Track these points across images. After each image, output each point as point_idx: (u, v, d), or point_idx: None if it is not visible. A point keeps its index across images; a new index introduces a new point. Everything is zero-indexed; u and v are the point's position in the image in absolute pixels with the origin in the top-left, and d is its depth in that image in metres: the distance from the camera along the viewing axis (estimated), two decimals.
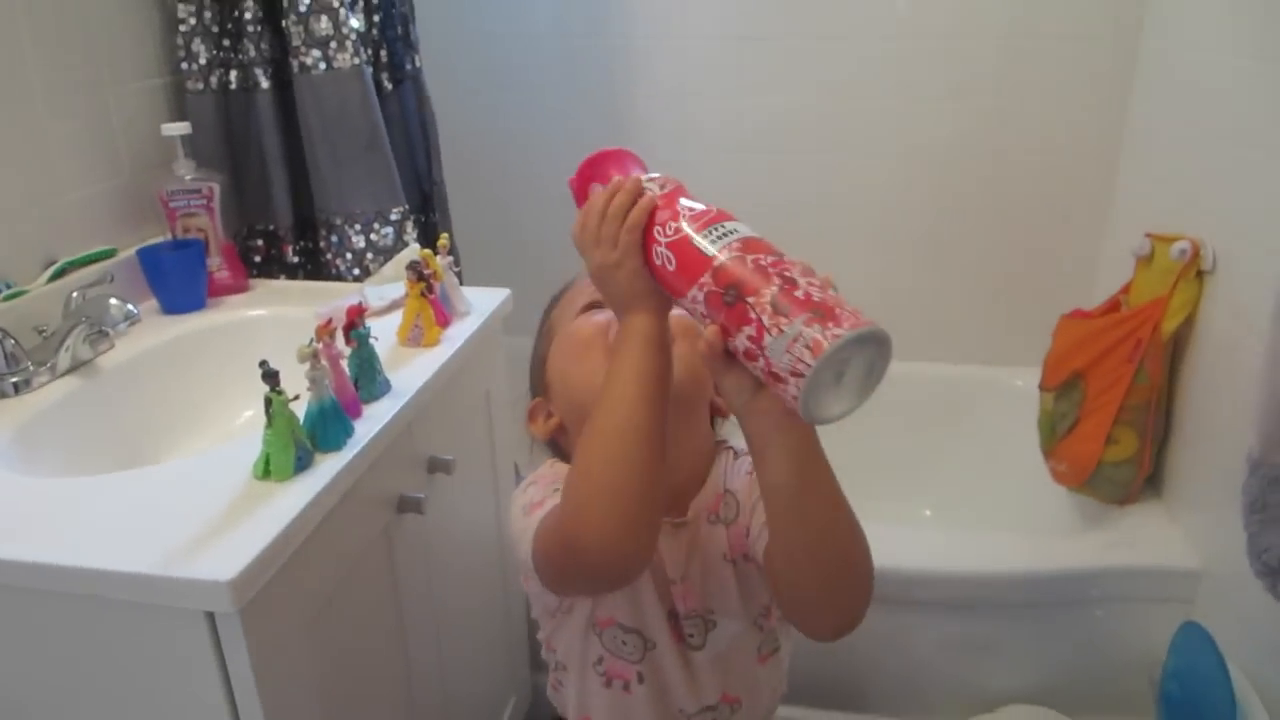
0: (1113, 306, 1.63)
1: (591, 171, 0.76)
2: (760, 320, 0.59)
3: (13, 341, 1.04)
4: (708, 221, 0.66)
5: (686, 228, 0.66)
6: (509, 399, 1.34)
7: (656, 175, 0.73)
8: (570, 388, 0.85)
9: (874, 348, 0.59)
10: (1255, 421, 1.05)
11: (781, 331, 0.58)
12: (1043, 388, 1.66)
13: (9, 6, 1.13)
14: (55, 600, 0.78)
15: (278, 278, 1.46)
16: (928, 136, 1.90)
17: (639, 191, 0.69)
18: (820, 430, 0.65)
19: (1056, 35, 1.79)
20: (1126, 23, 1.73)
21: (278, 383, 0.85)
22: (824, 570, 0.67)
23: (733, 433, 0.84)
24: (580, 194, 0.76)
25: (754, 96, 1.93)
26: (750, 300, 0.60)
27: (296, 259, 1.48)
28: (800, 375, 0.57)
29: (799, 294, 0.59)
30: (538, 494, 0.80)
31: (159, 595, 0.74)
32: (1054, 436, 1.63)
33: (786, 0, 1.85)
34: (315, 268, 1.51)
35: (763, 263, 0.62)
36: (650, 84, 1.95)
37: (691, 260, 0.64)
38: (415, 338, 1.16)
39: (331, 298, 1.24)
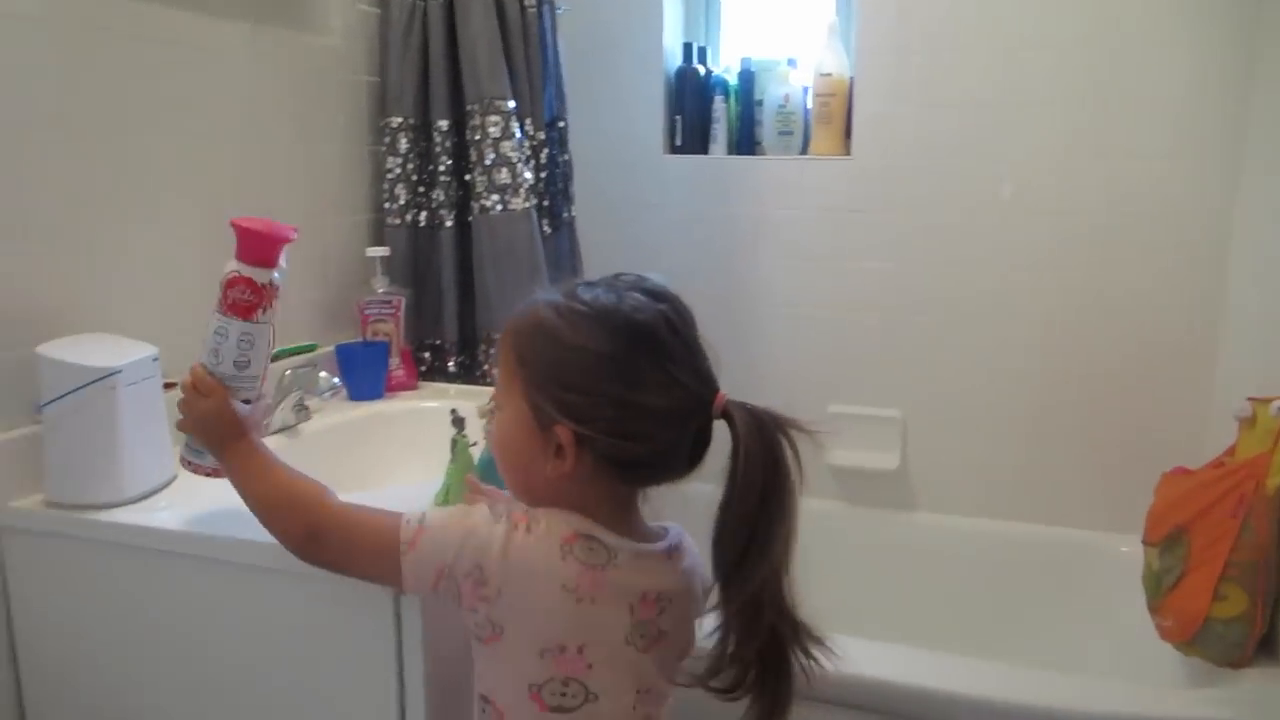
0: (1216, 466, 1.68)
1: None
2: None
3: None
4: None
5: None
6: None
7: None
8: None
9: None
10: None
11: None
12: (1145, 543, 1.69)
13: (271, 150, 1.45)
14: (270, 577, 0.95)
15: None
16: (1031, 304, 2.05)
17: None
18: (926, 585, 0.83)
19: (1152, 213, 1.95)
20: (1216, 194, 1.89)
21: (464, 427, 1.03)
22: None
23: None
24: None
25: (860, 261, 2.14)
26: None
27: (455, 369, 1.71)
28: None
29: None
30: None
31: None
32: (1159, 592, 1.64)
33: (894, 178, 2.09)
34: (470, 380, 1.73)
35: None
36: (767, 247, 2.19)
37: None
38: None
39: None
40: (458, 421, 1.03)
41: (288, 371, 1.34)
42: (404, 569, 0.81)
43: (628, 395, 0.78)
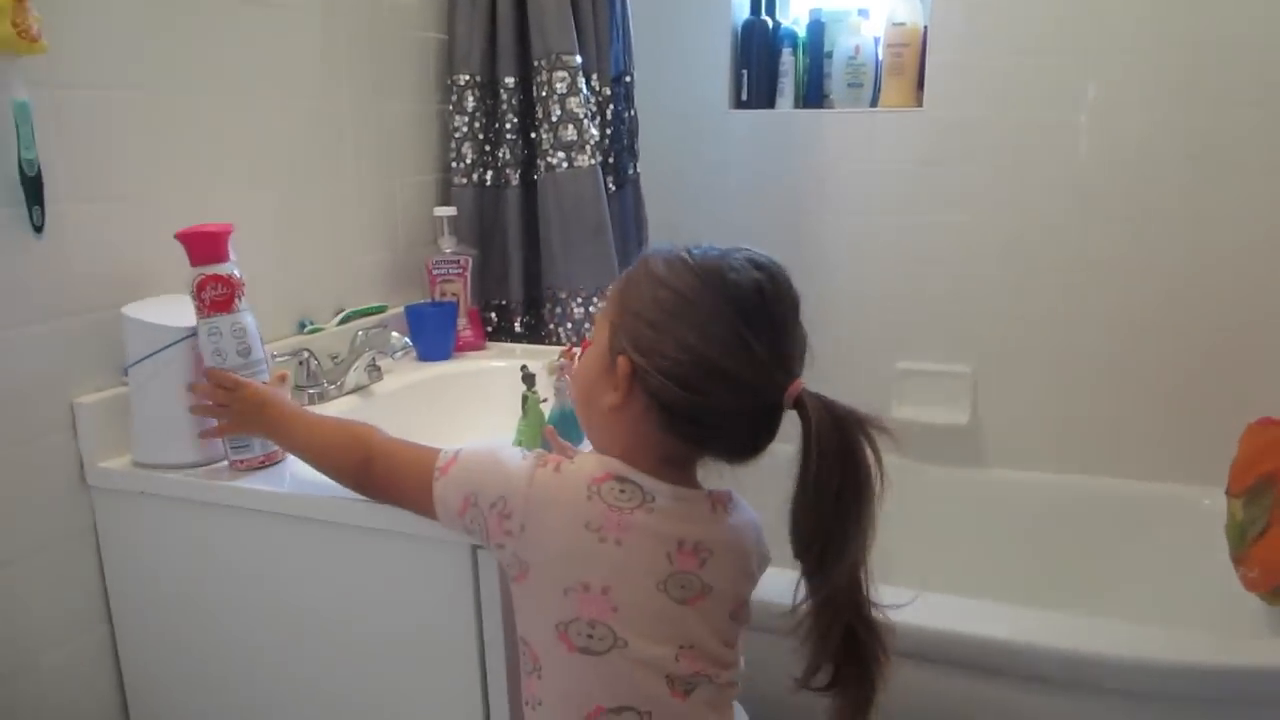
0: None
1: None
2: None
3: (315, 361, 1.29)
4: None
5: None
6: None
7: None
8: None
9: None
10: None
11: None
12: (1229, 493, 1.64)
13: (340, 110, 1.46)
14: (353, 534, 0.97)
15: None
16: (1107, 257, 1.97)
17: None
18: (999, 541, 0.82)
19: (1241, 164, 1.85)
20: None
21: (534, 384, 1.04)
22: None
23: None
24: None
25: (930, 215, 2.08)
26: None
27: (521, 330, 1.72)
28: None
29: None
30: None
31: (440, 530, 0.90)
32: (1244, 542, 1.60)
33: (967, 129, 2.02)
34: (535, 340, 1.73)
35: None
36: (835, 202, 2.14)
37: None
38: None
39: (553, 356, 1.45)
40: (528, 378, 1.03)
41: (360, 333, 1.36)
42: (435, 494, 0.84)
43: (695, 343, 0.77)
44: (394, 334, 1.34)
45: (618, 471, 0.81)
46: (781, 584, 0.83)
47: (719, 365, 0.77)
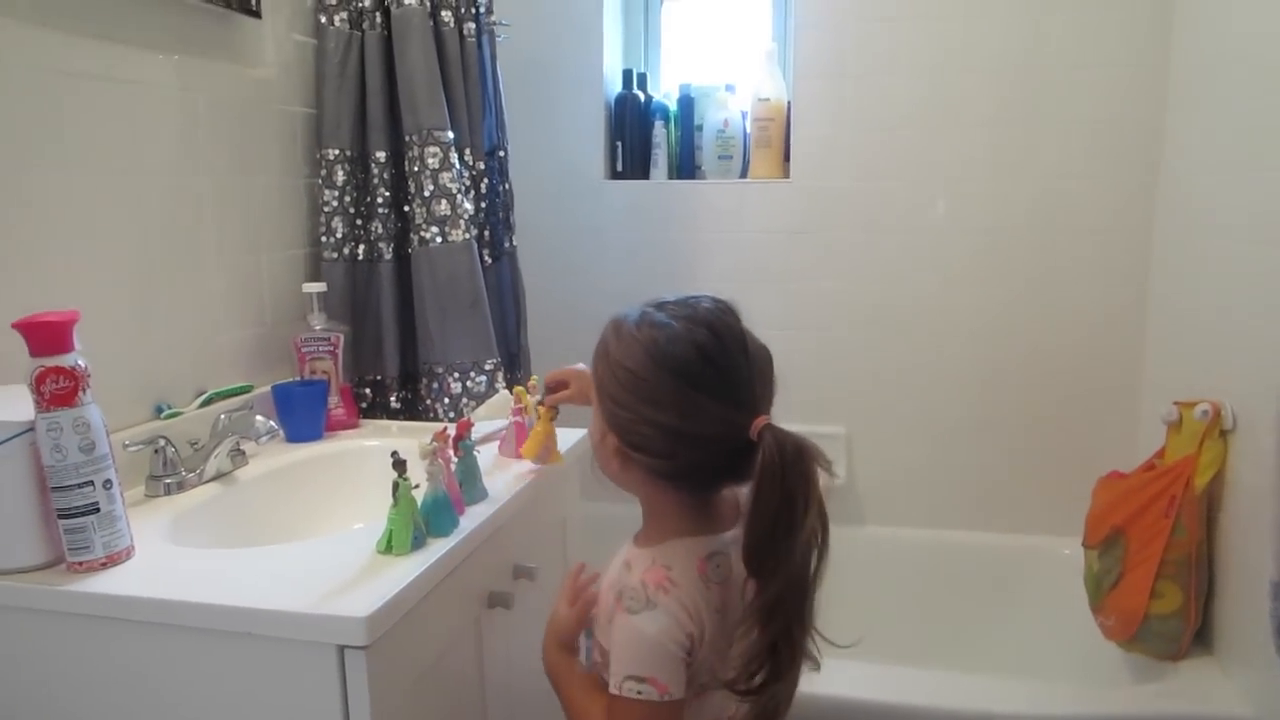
0: (1148, 469, 1.73)
1: None
2: None
3: (173, 449, 1.23)
4: None
5: None
6: (579, 527, 1.48)
7: None
8: None
9: None
10: (1270, 547, 1.14)
11: None
12: (1085, 545, 1.74)
13: (200, 185, 1.41)
14: (204, 638, 0.91)
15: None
16: (967, 320, 2.09)
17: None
18: (877, 597, 1.07)
19: (1080, 227, 2.01)
20: (1139, 214, 1.96)
21: (405, 470, 1.01)
22: None
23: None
24: None
25: (800, 282, 2.16)
26: None
27: (398, 405, 1.68)
28: None
29: None
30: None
31: (303, 631, 0.86)
32: (1100, 592, 1.69)
33: (832, 199, 2.11)
34: (412, 416, 1.70)
35: None
36: (709, 270, 2.20)
37: None
38: (544, 455, 1.30)
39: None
40: (399, 465, 1.01)
41: (222, 415, 1.30)
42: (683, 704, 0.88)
43: (656, 417, 0.86)
44: (259, 417, 1.29)
45: (704, 550, 0.89)
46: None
47: (682, 431, 0.85)
